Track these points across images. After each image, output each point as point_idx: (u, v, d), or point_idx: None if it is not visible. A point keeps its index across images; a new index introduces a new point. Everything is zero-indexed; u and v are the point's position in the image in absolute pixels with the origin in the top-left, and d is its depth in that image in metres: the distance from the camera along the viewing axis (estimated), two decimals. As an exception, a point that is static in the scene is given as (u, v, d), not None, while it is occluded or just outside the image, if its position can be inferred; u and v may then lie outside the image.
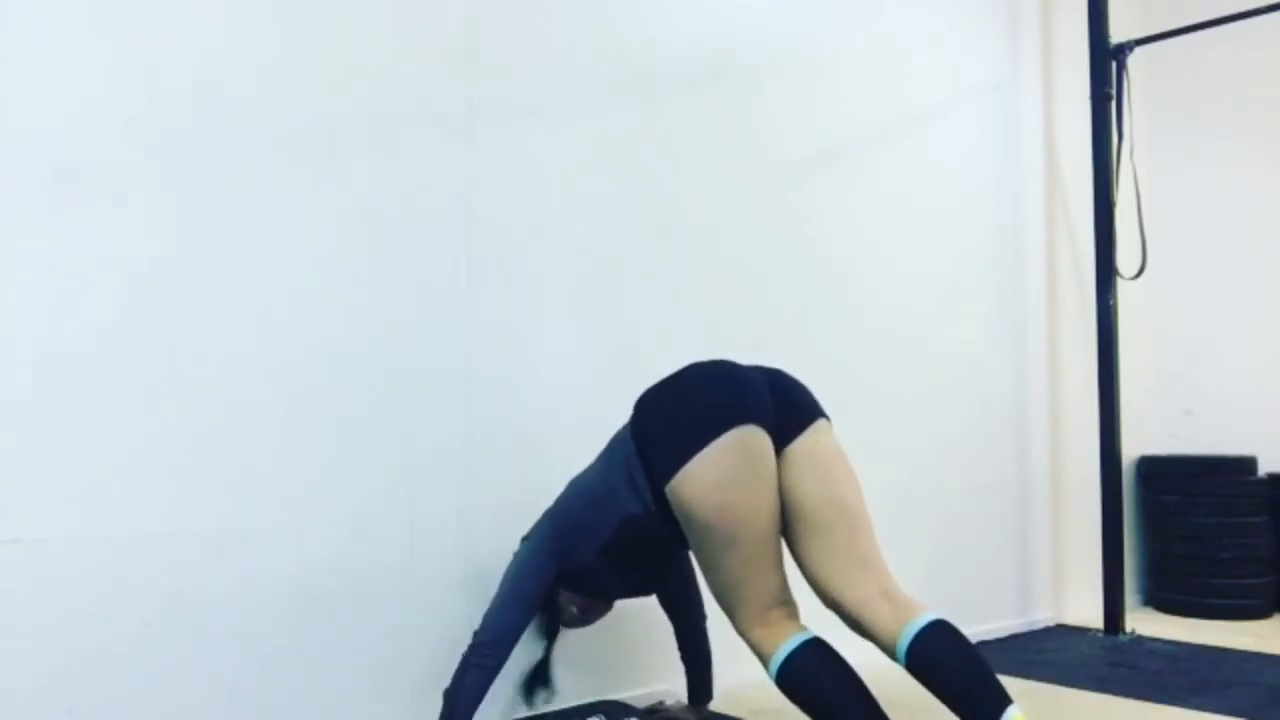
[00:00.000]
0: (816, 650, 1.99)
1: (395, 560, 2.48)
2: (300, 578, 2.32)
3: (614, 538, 2.22)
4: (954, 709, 1.91)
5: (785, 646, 1.98)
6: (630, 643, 2.83)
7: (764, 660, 2.03)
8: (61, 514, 2.02)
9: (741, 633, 2.07)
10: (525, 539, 2.36)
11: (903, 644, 1.95)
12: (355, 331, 2.45)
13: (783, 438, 2.11)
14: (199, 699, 2.17)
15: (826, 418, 2.23)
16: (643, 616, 2.70)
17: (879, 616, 2.01)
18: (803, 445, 2.13)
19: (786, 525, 2.12)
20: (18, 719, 1.95)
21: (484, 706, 2.21)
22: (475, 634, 2.23)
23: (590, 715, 2.56)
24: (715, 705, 2.67)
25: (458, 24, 2.68)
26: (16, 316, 2.00)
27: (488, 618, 2.24)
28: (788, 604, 2.08)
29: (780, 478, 2.10)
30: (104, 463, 2.07)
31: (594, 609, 2.48)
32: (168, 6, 2.21)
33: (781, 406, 2.14)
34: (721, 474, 2.00)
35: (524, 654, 2.40)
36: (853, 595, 2.05)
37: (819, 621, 2.09)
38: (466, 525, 2.60)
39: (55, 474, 2.02)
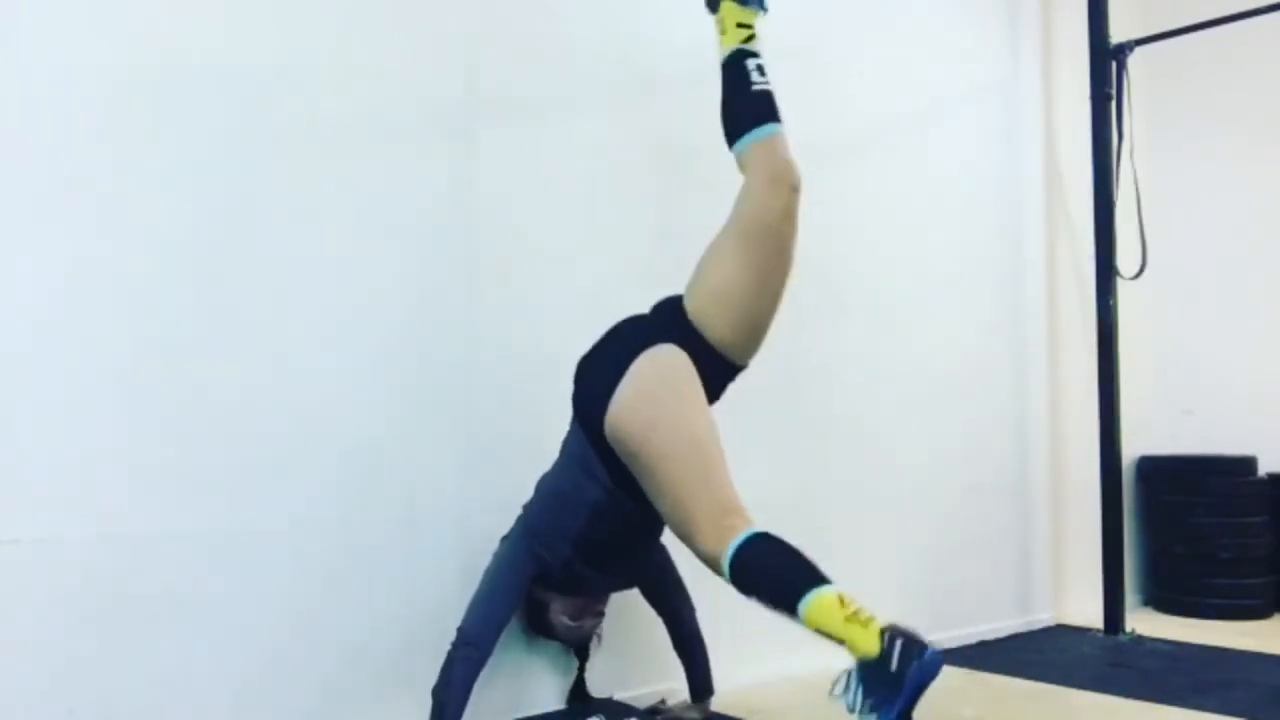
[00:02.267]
0: (762, 539, 1.94)
1: (395, 560, 2.48)
2: (300, 578, 2.32)
3: (585, 528, 2.27)
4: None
5: (734, 543, 1.93)
6: (630, 643, 2.83)
7: (717, 565, 1.96)
8: (61, 514, 2.02)
9: (699, 552, 2.01)
10: (504, 539, 2.41)
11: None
12: (355, 331, 2.45)
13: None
14: (199, 699, 2.16)
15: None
16: (642, 616, 2.70)
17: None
18: None
19: None
20: (18, 719, 1.95)
21: (474, 707, 2.22)
22: (458, 630, 2.28)
23: (590, 715, 2.56)
24: (715, 705, 2.67)
25: (458, 24, 2.68)
26: (16, 316, 1.99)
27: (469, 614, 2.30)
28: (740, 514, 2.01)
29: None
30: (104, 463, 2.07)
31: (584, 614, 2.50)
32: (168, 7, 2.21)
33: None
34: (644, 388, 2.06)
35: (505, 650, 2.41)
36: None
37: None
38: (467, 525, 2.60)
39: (55, 474, 2.02)
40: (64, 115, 2.07)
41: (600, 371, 2.19)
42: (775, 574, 1.92)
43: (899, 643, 1.74)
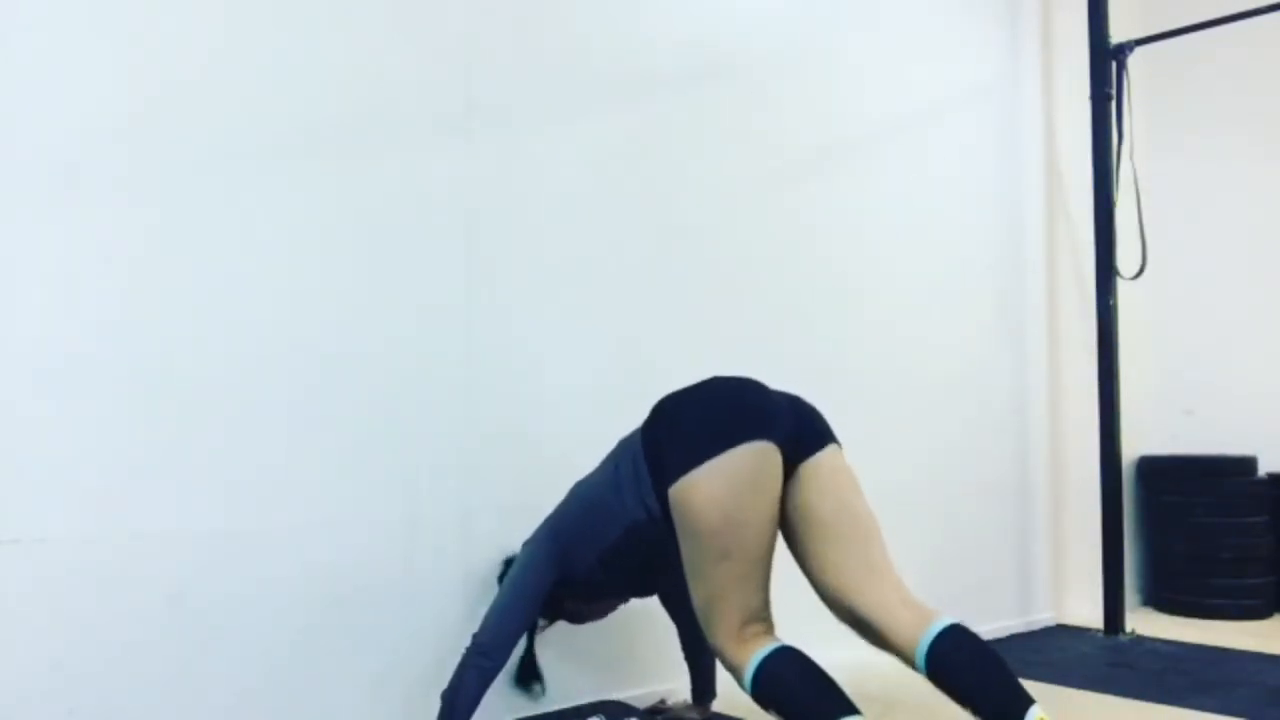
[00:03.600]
0: (789, 654, 1.96)
1: (396, 560, 2.48)
2: (300, 578, 2.32)
3: (616, 545, 2.22)
4: (976, 712, 1.88)
5: (759, 654, 1.94)
6: (630, 643, 2.83)
7: (738, 672, 1.98)
8: (61, 514, 2.02)
9: (717, 647, 2.03)
10: (527, 544, 2.37)
11: (922, 648, 1.92)
12: (355, 331, 2.45)
13: (796, 456, 2.09)
14: (199, 699, 2.16)
15: (839, 443, 2.21)
16: (643, 616, 2.70)
17: (897, 622, 1.98)
18: (817, 461, 2.11)
19: (799, 537, 2.10)
20: (18, 719, 1.95)
21: (481, 709, 2.22)
22: (474, 636, 2.24)
23: (590, 715, 2.56)
24: (715, 706, 2.67)
25: (458, 24, 2.68)
26: (17, 316, 2.00)
27: (487, 621, 2.26)
28: (766, 622, 2.04)
29: (792, 494, 2.08)
30: (104, 463, 2.07)
31: (593, 614, 2.50)
32: (168, 7, 2.21)
33: (799, 426, 2.11)
34: (730, 485, 1.97)
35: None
36: (869, 600, 2.02)
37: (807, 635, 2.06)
38: (467, 526, 2.60)
39: (55, 474, 2.02)
40: (64, 115, 2.07)
41: (693, 431, 2.05)
42: (801, 698, 1.91)
43: None
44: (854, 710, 1.84)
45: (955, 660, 1.91)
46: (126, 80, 2.15)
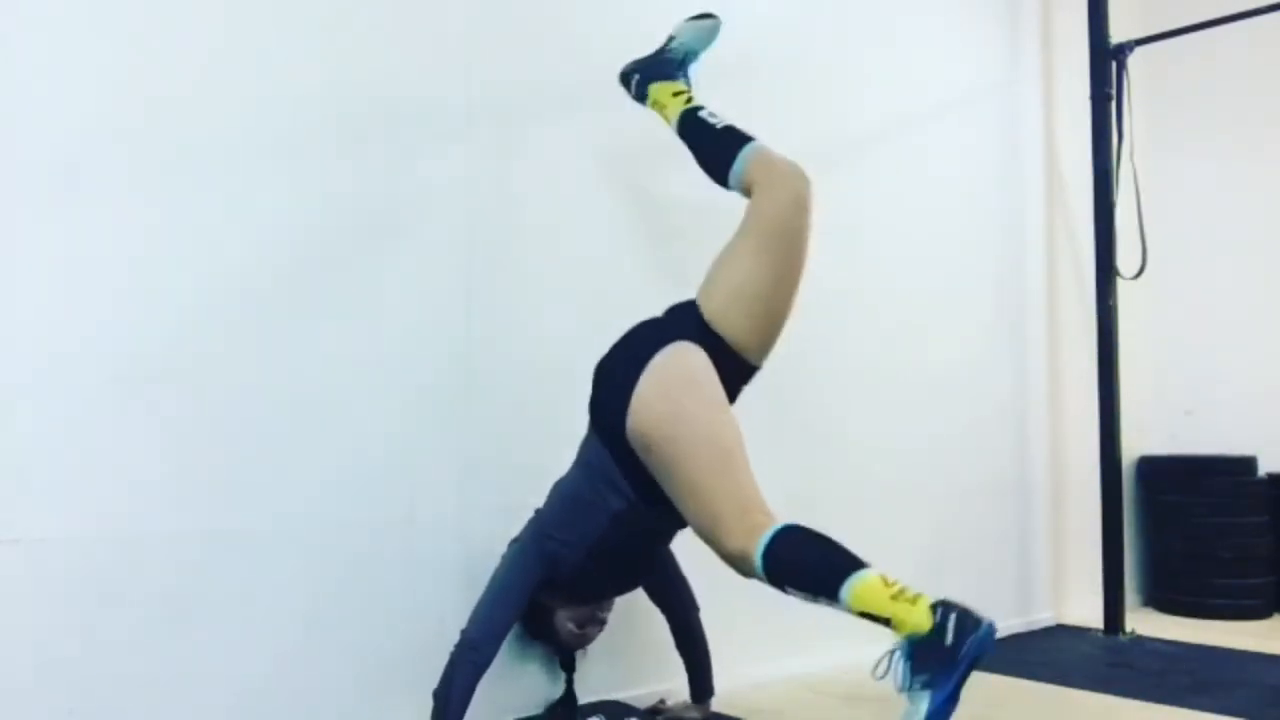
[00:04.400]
0: (793, 531, 1.93)
1: (395, 560, 2.48)
2: (300, 578, 2.32)
3: (604, 536, 2.25)
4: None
5: (764, 538, 1.91)
6: (631, 643, 2.83)
7: (747, 560, 1.92)
8: (61, 514, 2.02)
9: (729, 552, 1.96)
10: (513, 542, 2.40)
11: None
12: (355, 331, 2.45)
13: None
14: (199, 699, 2.16)
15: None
16: (643, 617, 2.70)
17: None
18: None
19: None
20: (18, 719, 1.95)
21: (475, 707, 2.22)
22: (462, 632, 2.27)
23: (590, 715, 2.56)
24: (715, 705, 2.67)
25: (458, 24, 2.68)
26: (17, 316, 2.00)
27: (475, 616, 2.28)
28: (764, 510, 1.99)
29: None
30: (104, 463, 2.07)
31: (589, 623, 2.51)
32: (168, 7, 2.21)
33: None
34: (664, 386, 2.03)
35: (503, 650, 2.41)
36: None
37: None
38: (467, 525, 2.60)
39: (55, 474, 2.02)
40: (64, 115, 2.07)
41: (617, 374, 2.16)
42: (813, 563, 1.89)
43: (953, 616, 1.72)
44: (863, 563, 1.86)
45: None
46: (125, 80, 2.15)
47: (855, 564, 1.86)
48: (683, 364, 2.10)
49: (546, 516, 2.39)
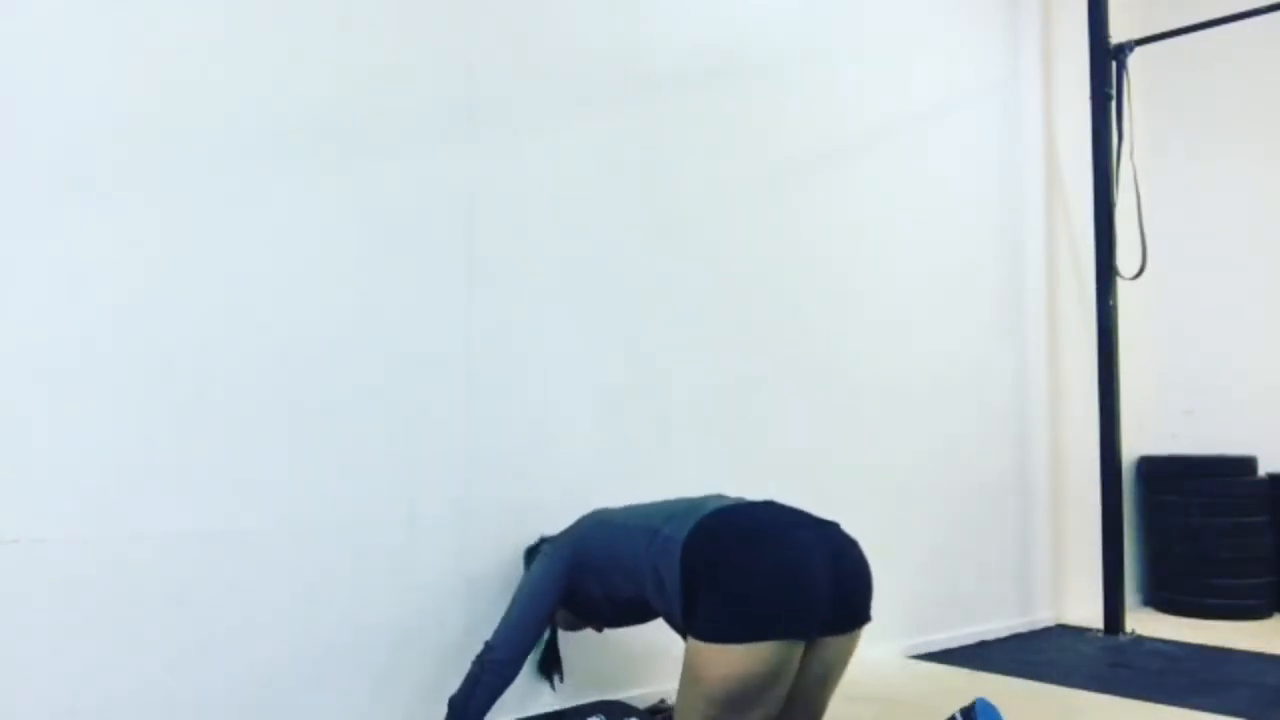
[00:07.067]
0: None
1: (395, 559, 2.48)
2: (300, 578, 2.32)
3: (626, 598, 2.26)
4: None
5: None
6: (630, 643, 2.83)
7: None
8: (61, 514, 2.02)
9: None
10: (548, 546, 2.40)
11: None
12: (356, 331, 2.45)
13: (822, 631, 2.06)
14: (199, 699, 2.16)
15: (870, 618, 2.16)
16: (643, 616, 2.70)
17: None
18: (835, 645, 2.09)
19: None
20: (18, 718, 1.95)
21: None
22: (488, 646, 2.26)
23: (590, 715, 2.56)
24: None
25: (458, 24, 2.67)
26: (17, 317, 1.99)
27: (501, 632, 2.28)
28: None
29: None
30: (104, 463, 2.07)
31: (586, 626, 2.52)
32: (168, 7, 2.21)
33: (837, 602, 2.06)
34: (748, 674, 1.94)
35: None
36: None
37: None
38: (467, 524, 2.60)
39: (55, 474, 2.02)
40: (64, 116, 2.07)
41: (727, 606, 2.00)
42: None
43: None
44: None
45: None
46: (126, 81, 2.15)
47: None
48: (782, 664, 1.99)
49: (587, 542, 2.35)
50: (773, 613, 1.96)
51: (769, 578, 2.00)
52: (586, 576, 2.31)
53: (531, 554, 2.53)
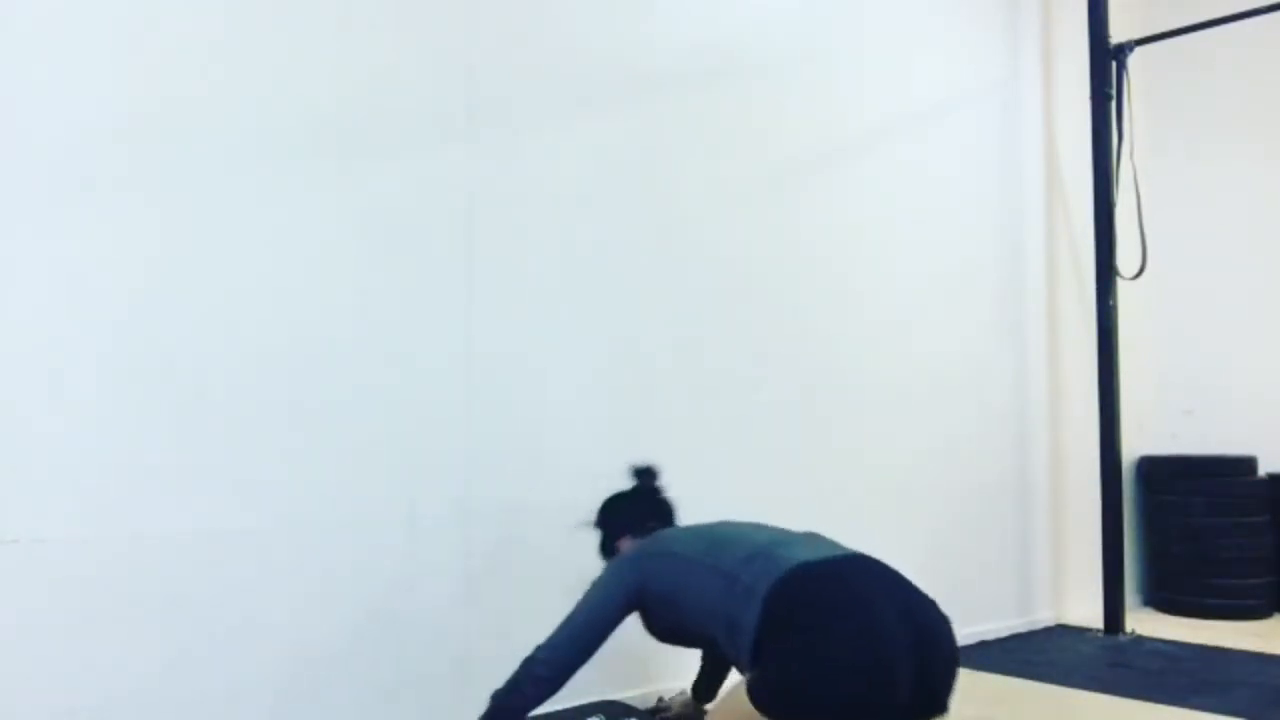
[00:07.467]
0: None
1: (396, 559, 2.48)
2: (300, 578, 2.32)
3: (685, 632, 2.21)
4: None
5: None
6: (631, 643, 2.83)
7: None
8: (61, 514, 2.02)
9: None
10: (617, 558, 2.32)
11: None
12: (356, 332, 2.45)
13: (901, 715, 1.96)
14: (199, 699, 2.16)
15: (945, 711, 2.02)
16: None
17: None
18: None
19: None
20: (18, 719, 1.95)
21: (476, 704, 2.21)
22: (540, 653, 2.13)
23: (590, 715, 2.56)
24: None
25: (458, 24, 2.68)
26: (17, 317, 2.00)
27: (559, 644, 2.16)
28: None
29: None
30: (104, 463, 2.07)
31: None
32: (168, 8, 2.21)
33: (918, 692, 1.93)
34: None
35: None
36: None
37: None
38: (467, 524, 2.60)
39: (55, 474, 2.02)
40: (65, 117, 2.07)
41: (808, 689, 1.89)
42: None
43: None
44: None
45: None
46: (126, 81, 2.15)
47: None
48: None
49: (659, 565, 2.24)
50: (845, 703, 1.86)
51: (851, 662, 1.87)
52: (650, 602, 2.22)
53: (606, 548, 2.43)
